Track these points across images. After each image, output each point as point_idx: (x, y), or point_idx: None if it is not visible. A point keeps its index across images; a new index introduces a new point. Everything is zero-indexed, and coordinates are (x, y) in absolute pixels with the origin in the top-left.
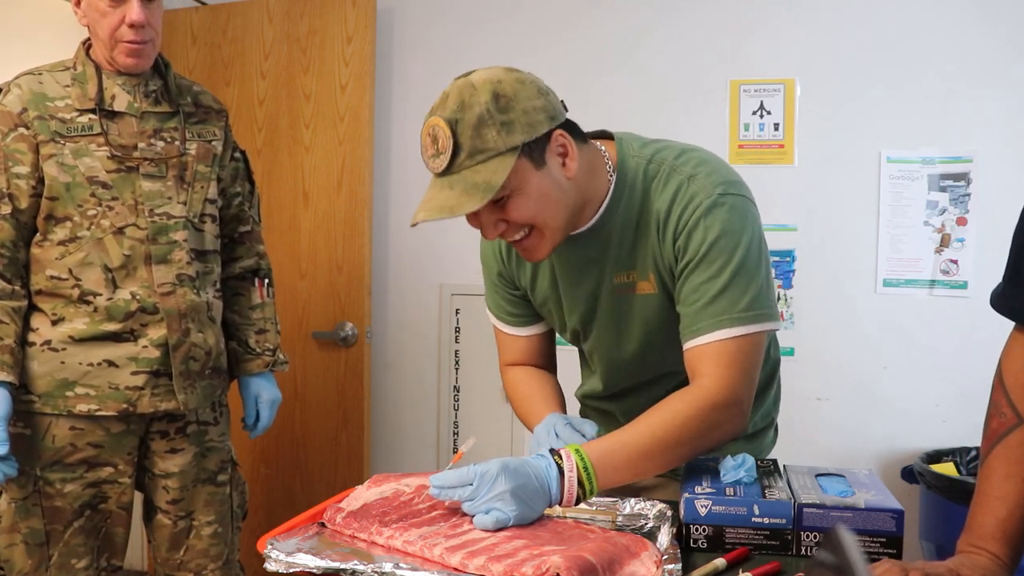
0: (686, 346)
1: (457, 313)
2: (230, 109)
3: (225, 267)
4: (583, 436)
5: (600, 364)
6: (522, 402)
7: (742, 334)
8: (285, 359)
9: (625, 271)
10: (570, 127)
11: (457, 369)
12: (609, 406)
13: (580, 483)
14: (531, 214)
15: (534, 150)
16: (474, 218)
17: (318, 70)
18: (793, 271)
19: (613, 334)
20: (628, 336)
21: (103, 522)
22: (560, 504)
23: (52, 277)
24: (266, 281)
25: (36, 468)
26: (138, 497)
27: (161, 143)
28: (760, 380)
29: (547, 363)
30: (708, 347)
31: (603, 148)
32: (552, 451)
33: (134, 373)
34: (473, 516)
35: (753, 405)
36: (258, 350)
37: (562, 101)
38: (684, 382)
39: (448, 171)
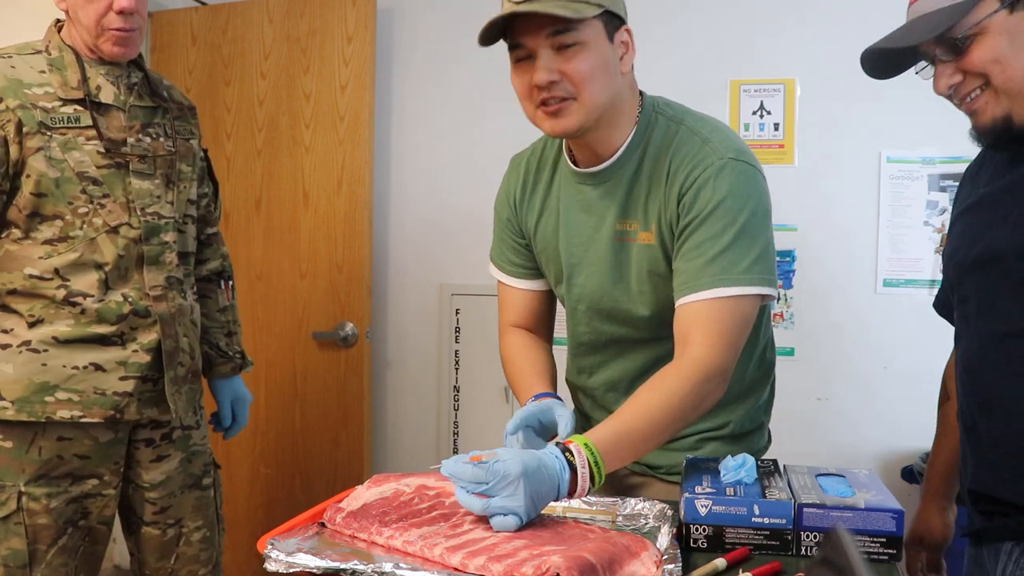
0: (680, 302)
1: (457, 313)
2: (230, 109)
3: (193, 268)
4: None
5: (585, 315)
6: (514, 372)
7: (738, 294)
8: (251, 361)
9: (628, 219)
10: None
11: (457, 369)
12: (590, 382)
13: (590, 476)
14: (589, 73)
15: (609, 24)
16: (525, 68)
17: (318, 70)
18: (793, 271)
19: (605, 280)
20: (620, 284)
21: (82, 540)
22: (570, 497)
23: (32, 276)
24: (230, 283)
25: (20, 483)
26: None
27: (148, 139)
28: (752, 378)
29: (545, 328)
30: (702, 306)
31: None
32: (562, 448)
33: (122, 378)
34: (490, 517)
35: (741, 402)
36: (230, 353)
37: None
38: (665, 355)
39: None
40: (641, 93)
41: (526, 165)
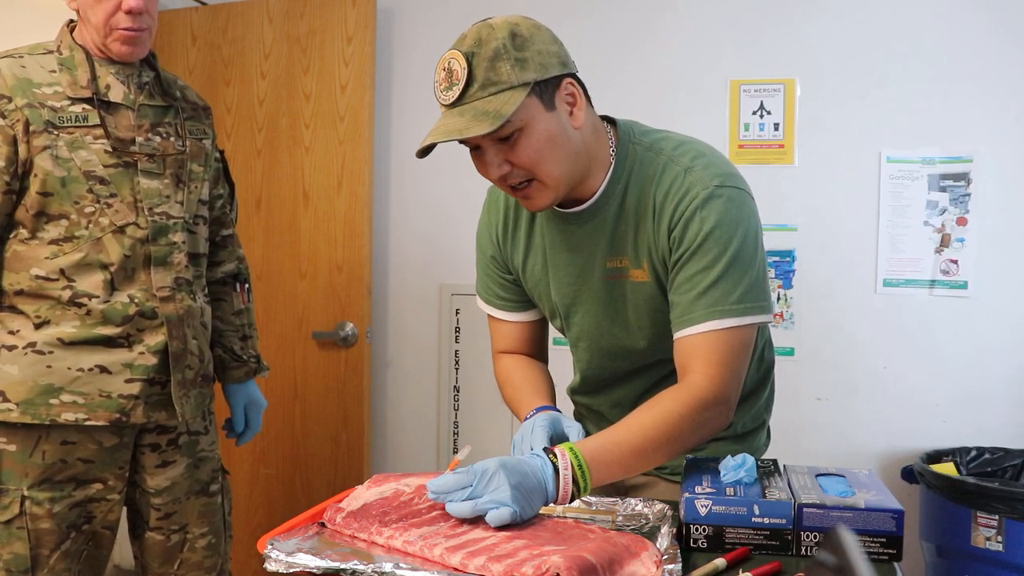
0: (677, 335)
1: (457, 313)
2: (230, 109)
3: (207, 271)
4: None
5: (586, 352)
6: (512, 391)
7: (733, 326)
8: (267, 365)
9: (618, 256)
10: (579, 82)
11: (457, 369)
12: (596, 401)
13: (574, 480)
14: (536, 157)
15: (545, 91)
16: (479, 158)
17: (318, 70)
18: (793, 271)
19: (603, 319)
20: (618, 322)
21: (85, 544)
22: (555, 502)
23: (38, 277)
24: (246, 286)
25: (23, 487)
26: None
27: (158, 139)
28: (752, 381)
29: (539, 352)
30: (699, 339)
31: (607, 127)
32: (546, 449)
33: (128, 381)
34: (485, 514)
35: (743, 405)
36: (244, 357)
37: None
38: (669, 373)
39: (459, 101)
40: (614, 122)
41: (505, 200)
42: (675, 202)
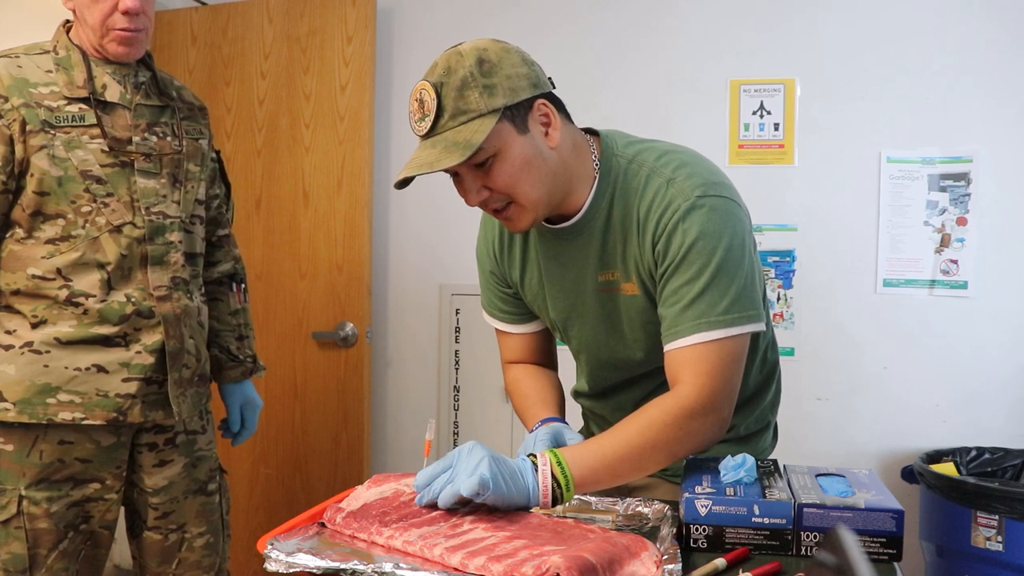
0: (666, 348)
1: (457, 313)
2: (230, 109)
3: (203, 271)
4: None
5: (586, 364)
6: (521, 401)
7: (721, 337)
8: (263, 365)
9: (608, 270)
10: (555, 101)
11: (457, 369)
12: (598, 405)
13: (555, 478)
14: (512, 181)
15: (516, 115)
16: (459, 184)
17: (318, 70)
18: (793, 271)
19: (599, 332)
20: (614, 335)
21: (83, 544)
22: (539, 504)
23: (35, 277)
24: (243, 286)
25: (21, 487)
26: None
27: (154, 138)
28: (756, 382)
29: (547, 360)
30: (687, 351)
31: (590, 140)
32: (529, 455)
33: (125, 380)
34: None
35: (746, 407)
36: (240, 357)
37: (550, 78)
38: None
39: (432, 132)
40: (597, 134)
41: None
42: (658, 215)
